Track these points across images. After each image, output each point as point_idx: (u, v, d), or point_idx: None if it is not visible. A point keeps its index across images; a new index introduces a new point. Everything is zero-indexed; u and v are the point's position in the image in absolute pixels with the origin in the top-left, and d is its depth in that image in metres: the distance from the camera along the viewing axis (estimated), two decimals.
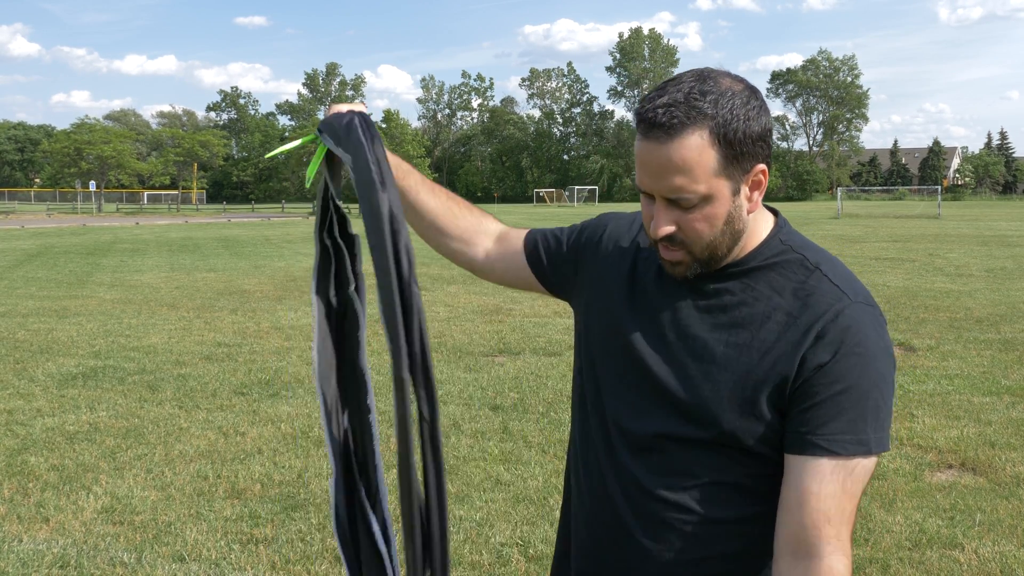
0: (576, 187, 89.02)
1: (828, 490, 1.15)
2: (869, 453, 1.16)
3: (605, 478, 1.33)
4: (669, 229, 1.20)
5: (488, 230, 1.60)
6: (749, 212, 1.22)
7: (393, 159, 1.43)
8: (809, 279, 1.23)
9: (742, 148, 1.17)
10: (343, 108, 1.39)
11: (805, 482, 1.16)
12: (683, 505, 1.25)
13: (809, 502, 1.15)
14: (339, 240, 1.36)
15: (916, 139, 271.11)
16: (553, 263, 1.52)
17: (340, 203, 1.37)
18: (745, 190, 1.21)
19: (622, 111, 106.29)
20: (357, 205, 1.26)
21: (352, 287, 1.35)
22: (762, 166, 1.20)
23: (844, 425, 1.16)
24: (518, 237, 1.58)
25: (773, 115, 1.37)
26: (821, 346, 1.17)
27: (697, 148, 1.14)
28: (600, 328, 1.38)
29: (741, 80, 1.20)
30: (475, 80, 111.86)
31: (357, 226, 1.33)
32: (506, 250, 1.57)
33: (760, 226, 1.27)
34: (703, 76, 1.17)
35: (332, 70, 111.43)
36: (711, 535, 1.25)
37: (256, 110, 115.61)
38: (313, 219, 2.06)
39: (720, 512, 1.25)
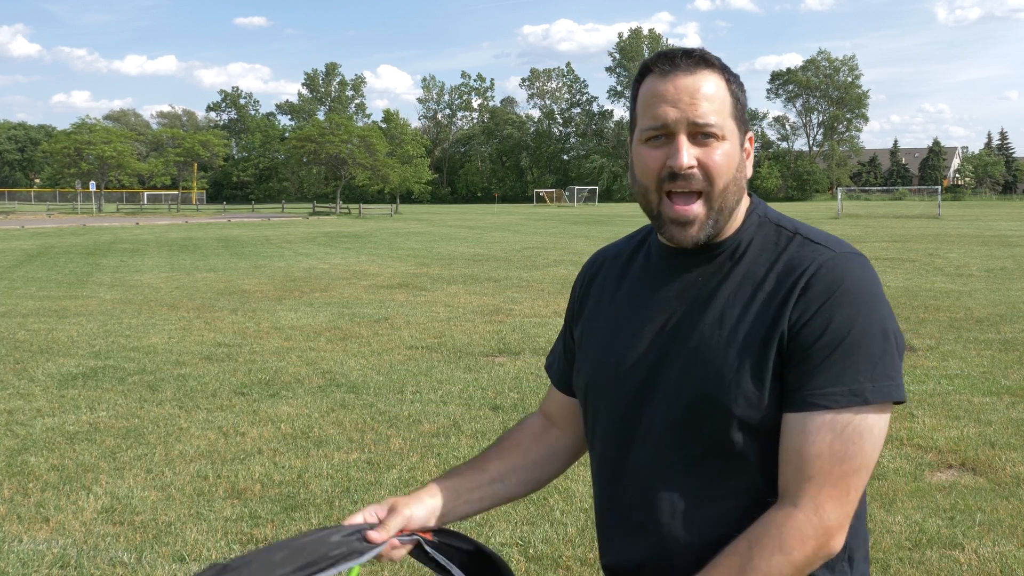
0: (576, 187, 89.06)
1: (812, 451, 1.12)
2: (865, 403, 1.12)
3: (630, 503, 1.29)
4: (692, 161, 1.19)
5: (542, 428, 1.51)
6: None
7: (448, 489, 1.39)
8: (790, 245, 1.23)
9: (743, 109, 1.26)
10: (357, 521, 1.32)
11: (791, 439, 1.14)
12: (710, 519, 1.21)
13: (792, 460, 1.14)
14: None
15: (916, 139, 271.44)
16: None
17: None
18: (744, 152, 1.26)
19: (622, 111, 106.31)
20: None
21: None
22: (751, 134, 1.29)
23: (834, 377, 1.12)
24: (552, 393, 1.52)
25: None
26: (805, 300, 1.16)
27: (718, 86, 1.22)
28: (590, 354, 1.36)
29: None
30: (475, 80, 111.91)
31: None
32: (564, 417, 1.50)
33: (741, 208, 1.29)
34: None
35: (332, 70, 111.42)
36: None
37: (256, 110, 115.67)
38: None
39: (744, 518, 1.19)
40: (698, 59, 1.21)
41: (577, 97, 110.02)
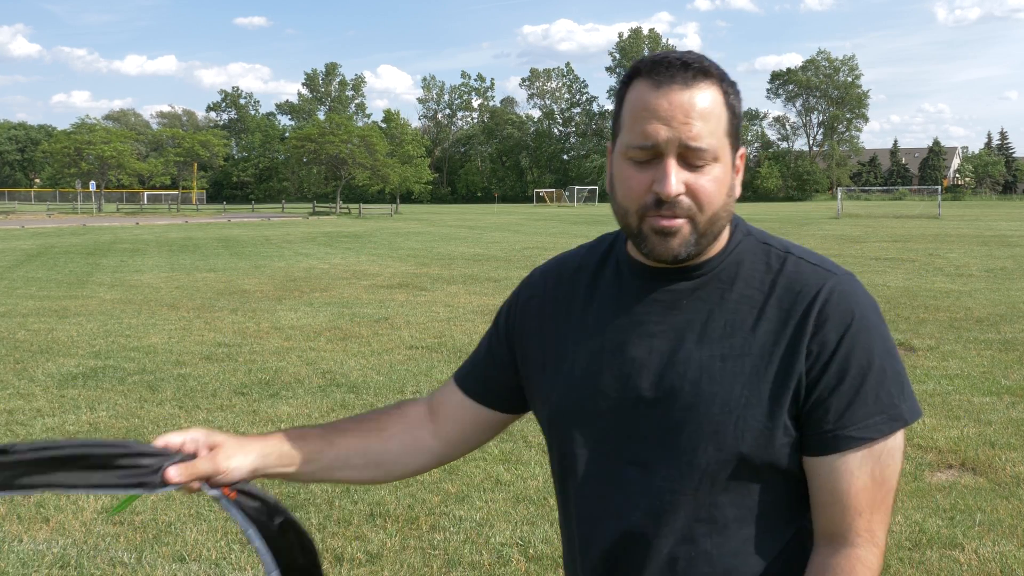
0: (576, 187, 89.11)
1: (858, 485, 1.10)
2: (904, 424, 1.10)
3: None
4: (681, 188, 1.07)
5: (418, 420, 1.38)
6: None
7: (282, 450, 1.28)
8: (785, 266, 1.15)
9: (739, 122, 1.15)
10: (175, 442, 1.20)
11: (834, 481, 1.11)
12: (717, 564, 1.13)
13: (839, 501, 1.11)
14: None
15: (916, 139, 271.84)
16: (502, 373, 1.33)
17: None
18: (734, 169, 1.15)
19: None
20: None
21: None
22: (743, 150, 1.17)
23: (872, 407, 1.09)
24: (450, 391, 1.38)
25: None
26: (823, 334, 1.09)
27: (715, 101, 1.09)
28: (559, 380, 1.23)
29: None
30: (475, 80, 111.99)
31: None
32: (451, 417, 1.37)
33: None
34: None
35: (332, 70, 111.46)
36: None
37: (256, 110, 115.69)
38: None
39: (760, 557, 1.14)
40: (696, 71, 1.09)
41: (577, 97, 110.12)
